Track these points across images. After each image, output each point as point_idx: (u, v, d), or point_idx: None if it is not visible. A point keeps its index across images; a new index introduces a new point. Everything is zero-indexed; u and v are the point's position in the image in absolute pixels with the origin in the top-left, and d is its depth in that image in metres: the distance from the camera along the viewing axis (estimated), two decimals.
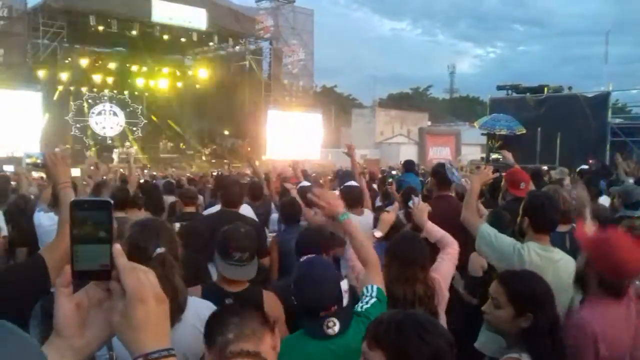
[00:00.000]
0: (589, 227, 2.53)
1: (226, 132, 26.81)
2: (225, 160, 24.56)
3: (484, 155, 20.59)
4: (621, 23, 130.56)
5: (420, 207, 3.40)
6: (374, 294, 2.34)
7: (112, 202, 0.90)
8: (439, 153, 34.57)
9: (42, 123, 20.17)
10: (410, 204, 3.60)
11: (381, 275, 2.50)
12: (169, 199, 6.57)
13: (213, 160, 25.10)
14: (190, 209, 5.28)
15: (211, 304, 2.39)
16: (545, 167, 11.21)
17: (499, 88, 19.94)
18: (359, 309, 2.25)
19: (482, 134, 19.00)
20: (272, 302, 2.82)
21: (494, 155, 17.02)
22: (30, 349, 0.70)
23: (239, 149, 25.88)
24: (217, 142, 26.45)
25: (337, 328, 2.10)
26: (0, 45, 19.97)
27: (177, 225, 4.24)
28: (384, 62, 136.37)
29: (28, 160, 15.02)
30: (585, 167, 10.43)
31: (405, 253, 2.89)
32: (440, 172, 4.93)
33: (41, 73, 21.08)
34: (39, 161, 13.18)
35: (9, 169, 13.99)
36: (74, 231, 0.85)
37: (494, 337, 2.29)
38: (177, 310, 2.15)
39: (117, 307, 0.86)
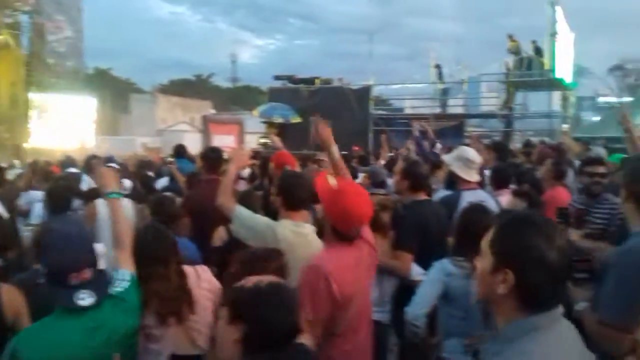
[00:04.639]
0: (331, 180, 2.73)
1: None
2: None
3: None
4: (384, 25, 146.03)
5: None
6: (127, 277, 2.30)
7: None
8: (223, 141, 34.59)
9: None
10: None
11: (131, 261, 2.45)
12: None
13: None
14: None
15: None
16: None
17: (276, 78, 20.79)
18: (113, 292, 2.18)
19: (261, 122, 19.61)
20: (11, 297, 2.61)
21: (262, 140, 17.81)
22: None
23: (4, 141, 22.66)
24: None
25: (91, 299, 2.00)
26: None
27: None
28: (165, 46, 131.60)
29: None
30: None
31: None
32: (209, 156, 4.93)
33: None
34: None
35: None
36: None
37: None
38: None
39: None
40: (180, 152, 7.95)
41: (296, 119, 18.06)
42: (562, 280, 1.49)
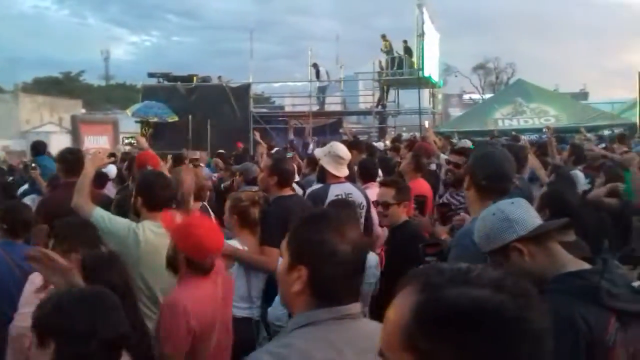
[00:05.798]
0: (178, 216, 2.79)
1: None
2: None
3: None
4: (264, 22, 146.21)
5: None
6: None
7: None
8: (96, 142, 32.74)
9: None
10: None
11: None
12: None
13: None
14: None
15: None
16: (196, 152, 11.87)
17: (150, 75, 19.97)
18: None
19: (136, 122, 18.81)
20: None
21: (128, 140, 17.20)
22: None
23: None
24: None
25: None
26: None
27: None
28: (27, 43, 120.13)
29: None
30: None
31: None
32: (66, 159, 4.64)
33: None
34: None
35: None
36: None
37: None
38: None
39: None
40: (39, 149, 7.39)
41: (173, 118, 17.55)
42: (356, 273, 1.48)
